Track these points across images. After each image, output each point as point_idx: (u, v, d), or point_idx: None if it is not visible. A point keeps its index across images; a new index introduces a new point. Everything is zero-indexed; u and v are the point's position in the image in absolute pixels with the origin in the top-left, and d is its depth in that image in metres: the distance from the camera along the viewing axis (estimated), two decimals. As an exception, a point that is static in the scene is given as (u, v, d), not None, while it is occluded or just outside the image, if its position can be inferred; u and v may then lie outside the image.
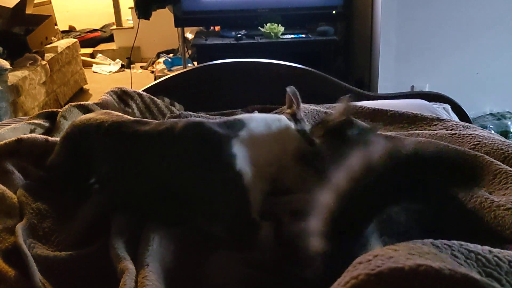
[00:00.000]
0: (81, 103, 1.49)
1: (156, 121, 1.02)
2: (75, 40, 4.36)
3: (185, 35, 3.34)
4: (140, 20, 2.98)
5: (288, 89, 1.12)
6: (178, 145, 0.95)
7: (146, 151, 0.97)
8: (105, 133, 1.01)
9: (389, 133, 1.24)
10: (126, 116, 1.08)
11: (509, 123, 2.68)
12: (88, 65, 4.90)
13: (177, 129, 0.95)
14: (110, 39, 5.39)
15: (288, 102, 1.13)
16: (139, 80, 3.97)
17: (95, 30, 5.61)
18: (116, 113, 1.11)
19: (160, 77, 2.60)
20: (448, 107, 1.71)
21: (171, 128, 0.96)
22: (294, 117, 1.08)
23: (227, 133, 0.94)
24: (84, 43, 5.14)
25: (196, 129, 0.95)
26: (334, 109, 1.06)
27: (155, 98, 1.61)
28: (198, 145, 0.94)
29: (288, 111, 1.11)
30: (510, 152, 1.03)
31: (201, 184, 0.93)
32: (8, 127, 1.33)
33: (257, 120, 1.01)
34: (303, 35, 2.90)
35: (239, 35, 2.86)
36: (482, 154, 1.01)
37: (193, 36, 3.32)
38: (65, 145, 1.09)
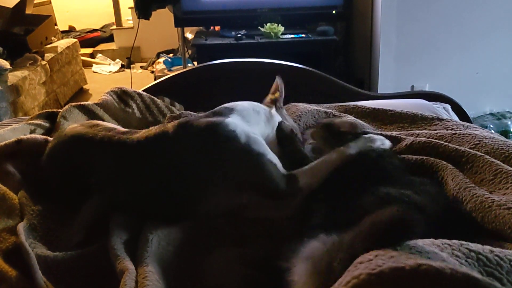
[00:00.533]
0: (81, 103, 1.49)
1: (144, 130, 1.03)
2: (75, 40, 4.36)
3: (185, 35, 3.34)
4: (140, 20, 2.98)
5: (277, 77, 1.20)
6: (177, 144, 0.96)
7: (145, 156, 0.98)
8: (98, 145, 1.02)
9: (389, 133, 1.24)
10: (116, 127, 1.09)
11: (509, 122, 2.68)
12: (88, 65, 4.90)
13: (171, 131, 0.97)
14: (110, 39, 5.38)
15: (273, 89, 1.20)
16: (139, 80, 3.97)
17: (95, 30, 5.60)
18: (104, 124, 1.11)
19: (160, 77, 2.60)
20: (448, 106, 1.71)
21: (165, 130, 0.97)
22: (275, 103, 1.16)
23: (218, 118, 0.97)
24: (84, 43, 5.13)
25: (188, 124, 0.97)
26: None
27: (155, 98, 1.61)
28: (197, 137, 0.96)
29: (271, 96, 1.18)
30: (510, 151, 1.03)
31: (210, 172, 0.94)
32: (8, 127, 1.33)
33: (243, 105, 1.07)
34: (303, 35, 2.90)
35: (239, 35, 2.86)
36: (482, 154, 1.01)
37: (193, 36, 3.32)
38: (56, 154, 1.08)
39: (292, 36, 2.88)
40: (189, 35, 3.55)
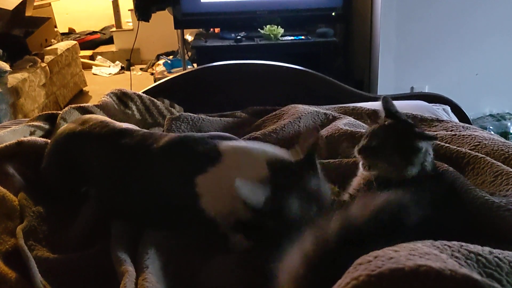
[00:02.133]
0: (81, 105, 1.49)
1: (141, 132, 1.03)
2: (75, 42, 4.36)
3: (184, 37, 3.35)
4: (140, 22, 2.98)
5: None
6: (156, 162, 0.96)
7: (131, 163, 0.99)
8: (92, 143, 1.03)
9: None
10: (111, 122, 1.09)
11: (509, 124, 2.68)
12: (87, 67, 4.89)
13: (156, 147, 0.96)
14: (109, 41, 5.39)
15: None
16: (139, 82, 3.97)
17: (94, 32, 5.60)
18: (98, 118, 1.11)
19: (159, 79, 2.60)
20: (447, 108, 1.71)
21: (152, 143, 0.97)
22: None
23: (196, 166, 0.91)
24: (84, 45, 5.13)
25: (172, 152, 0.96)
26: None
27: (155, 100, 1.61)
28: (170, 168, 0.95)
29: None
30: (510, 153, 1.03)
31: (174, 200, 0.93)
32: (8, 129, 1.33)
33: (238, 153, 0.92)
34: (303, 37, 2.90)
35: (238, 37, 2.87)
36: (483, 155, 1.01)
37: (192, 38, 3.32)
38: (53, 154, 1.10)
39: (292, 38, 2.89)
40: (189, 37, 3.55)
